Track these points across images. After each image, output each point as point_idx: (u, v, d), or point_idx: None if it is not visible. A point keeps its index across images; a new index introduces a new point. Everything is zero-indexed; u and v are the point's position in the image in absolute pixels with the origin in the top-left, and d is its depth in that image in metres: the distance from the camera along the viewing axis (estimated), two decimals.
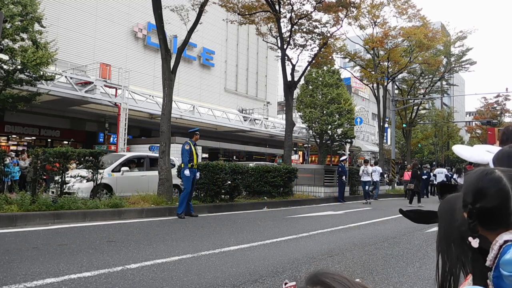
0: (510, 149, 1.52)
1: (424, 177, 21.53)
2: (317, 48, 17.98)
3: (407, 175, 18.45)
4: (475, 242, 1.01)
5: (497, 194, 1.01)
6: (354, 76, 30.36)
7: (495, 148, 1.67)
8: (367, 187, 15.78)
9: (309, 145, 33.49)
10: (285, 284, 0.65)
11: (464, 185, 1.08)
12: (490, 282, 1.01)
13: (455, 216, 1.17)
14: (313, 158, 35.93)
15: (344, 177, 15.35)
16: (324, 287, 0.64)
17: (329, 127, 30.09)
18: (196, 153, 9.26)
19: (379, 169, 18.58)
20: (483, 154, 1.68)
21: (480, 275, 1.07)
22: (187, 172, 8.89)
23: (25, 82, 14.53)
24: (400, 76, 28.92)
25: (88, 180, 9.00)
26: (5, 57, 14.04)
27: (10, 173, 11.27)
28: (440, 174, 19.62)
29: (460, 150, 1.73)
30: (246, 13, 16.86)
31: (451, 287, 1.13)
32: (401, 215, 1.59)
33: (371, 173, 16.24)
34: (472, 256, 1.08)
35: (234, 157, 32.07)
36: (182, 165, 9.28)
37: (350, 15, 18.85)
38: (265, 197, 12.58)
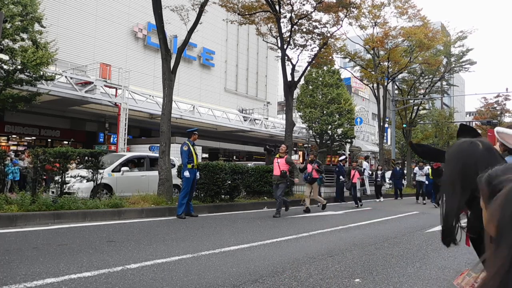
0: None
1: (384, 179, 18.50)
2: (317, 48, 17.98)
3: (310, 169, 11.54)
4: None
5: None
6: (354, 76, 30.36)
7: None
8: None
9: (309, 145, 33.49)
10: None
11: None
12: None
13: (475, 161, 1.17)
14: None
15: (341, 177, 15.33)
16: None
17: (329, 127, 30.09)
18: (195, 153, 9.24)
19: (366, 165, 18.36)
20: None
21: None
22: (187, 173, 8.88)
23: (25, 82, 14.53)
24: (400, 76, 28.90)
25: (88, 180, 9.00)
26: (5, 57, 14.04)
27: (12, 172, 11.29)
28: None
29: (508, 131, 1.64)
30: (246, 13, 16.86)
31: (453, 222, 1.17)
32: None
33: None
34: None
35: (234, 157, 32.08)
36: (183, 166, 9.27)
37: (350, 15, 18.85)
38: (265, 197, 12.58)
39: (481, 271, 1.09)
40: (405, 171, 22.10)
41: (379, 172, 18.08)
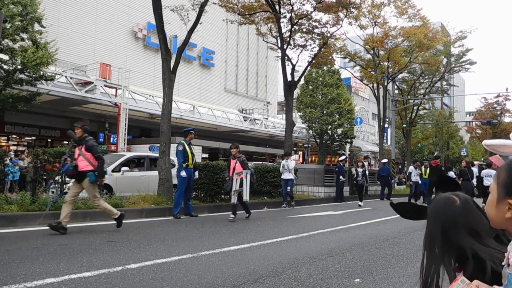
0: None
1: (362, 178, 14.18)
2: (317, 48, 17.99)
3: (77, 154, 7.52)
4: None
5: None
6: (354, 76, 30.36)
7: None
8: (288, 187, 12.28)
9: (309, 145, 33.50)
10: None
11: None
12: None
13: (459, 219, 1.16)
14: (313, 158, 35.94)
15: (341, 177, 15.32)
16: None
17: (329, 127, 30.10)
18: (192, 153, 9.20)
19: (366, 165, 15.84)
20: None
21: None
22: (183, 173, 8.87)
23: (25, 82, 14.54)
24: (400, 76, 28.92)
25: None
26: (5, 57, 14.05)
27: (12, 172, 11.26)
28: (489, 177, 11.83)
29: None
30: (246, 13, 16.86)
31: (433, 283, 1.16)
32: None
33: (293, 170, 12.46)
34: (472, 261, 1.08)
35: None
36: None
37: (350, 15, 18.84)
38: (265, 197, 12.58)
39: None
40: (393, 170, 21.80)
41: (359, 169, 14.46)
